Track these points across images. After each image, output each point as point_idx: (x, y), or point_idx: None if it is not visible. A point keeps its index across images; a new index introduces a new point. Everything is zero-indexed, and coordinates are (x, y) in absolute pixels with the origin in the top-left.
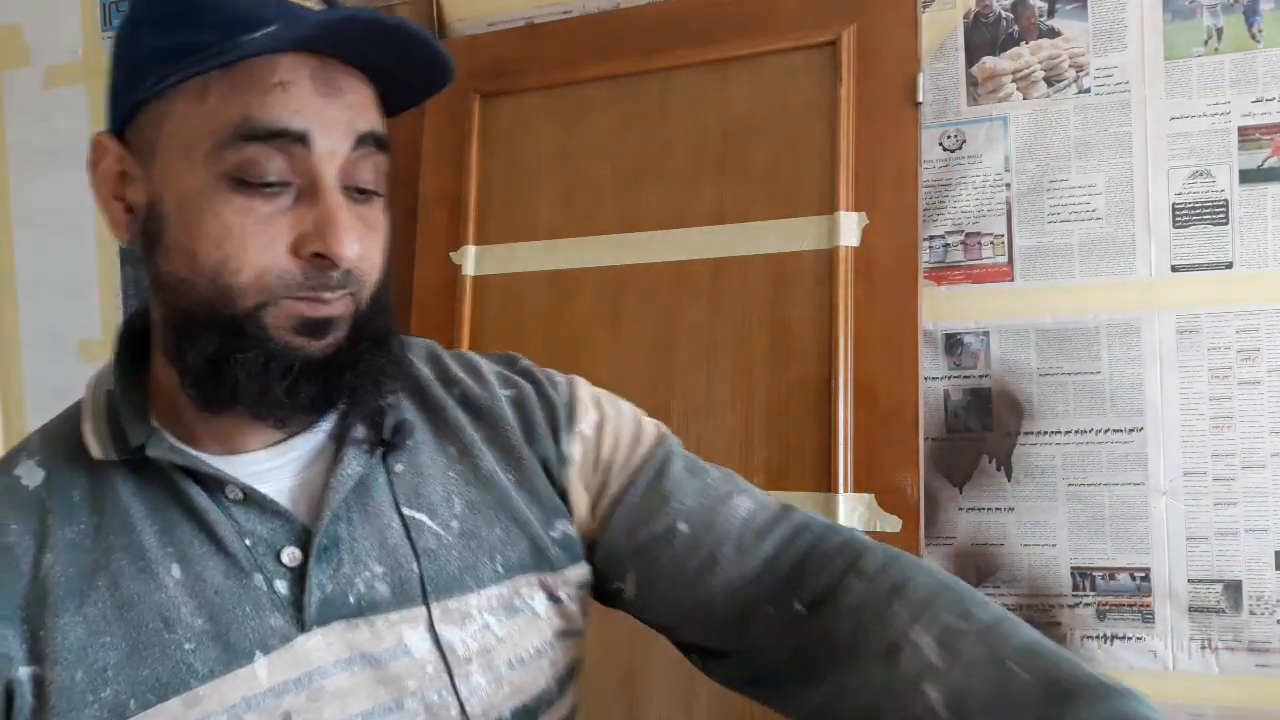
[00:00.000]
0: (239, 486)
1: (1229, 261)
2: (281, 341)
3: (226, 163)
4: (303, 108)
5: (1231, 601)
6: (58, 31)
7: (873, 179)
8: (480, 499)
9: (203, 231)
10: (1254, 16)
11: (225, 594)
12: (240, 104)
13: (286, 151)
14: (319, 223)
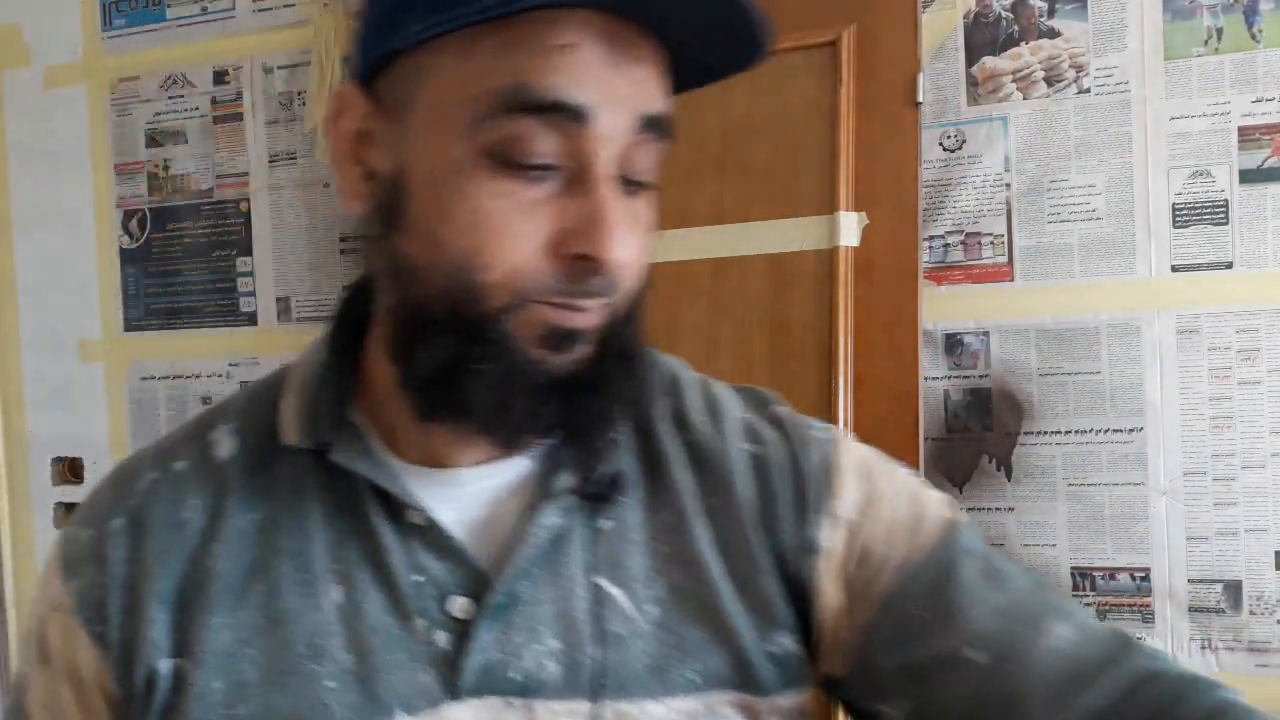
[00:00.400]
0: (422, 514)
1: (1229, 261)
2: (523, 353)
3: (490, 136)
4: (587, 78)
5: (1231, 601)
6: (58, 31)
7: (873, 179)
8: (685, 585)
9: (452, 214)
10: (1254, 16)
11: (381, 633)
12: (512, 66)
13: (560, 129)
14: (587, 218)
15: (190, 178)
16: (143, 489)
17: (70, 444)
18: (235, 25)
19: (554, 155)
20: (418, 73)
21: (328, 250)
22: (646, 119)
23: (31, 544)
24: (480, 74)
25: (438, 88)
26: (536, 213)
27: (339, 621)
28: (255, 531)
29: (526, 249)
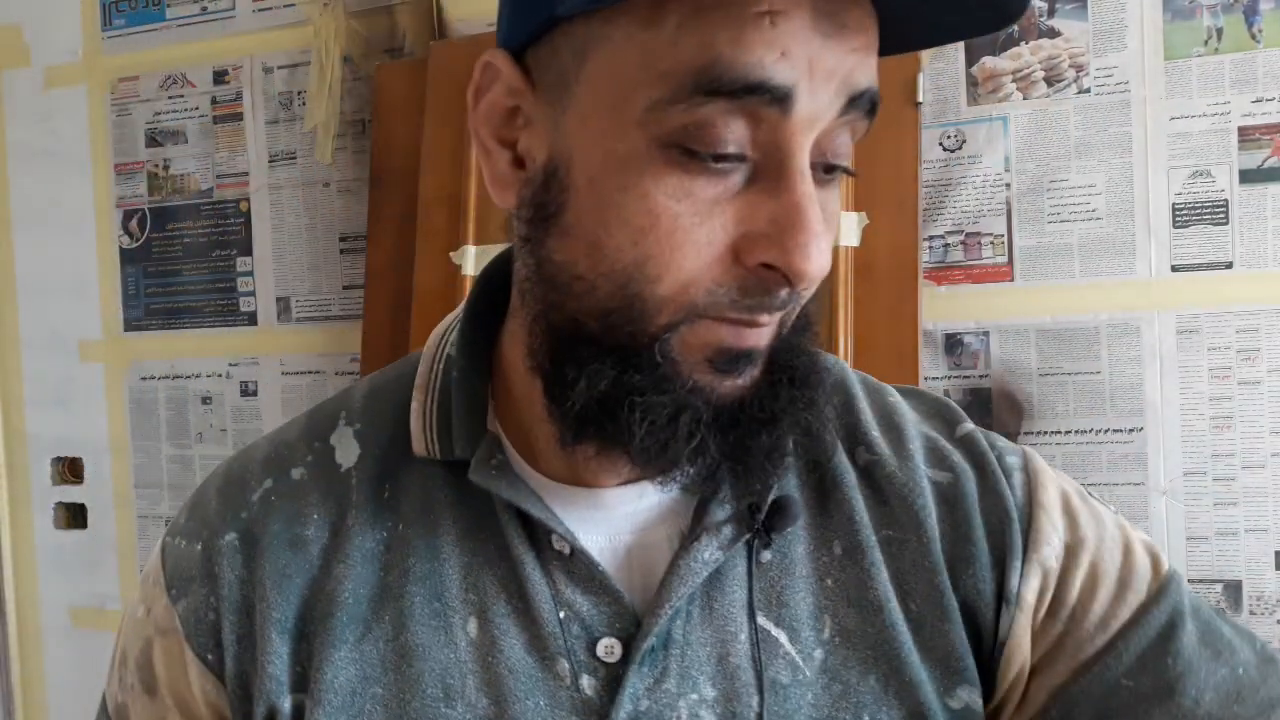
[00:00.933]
0: (567, 541)
1: (1229, 261)
2: (689, 379)
3: (672, 123)
4: (793, 52)
5: (1231, 602)
6: (58, 31)
7: (873, 179)
8: (859, 630)
9: (622, 217)
10: (1254, 16)
11: (520, 675)
12: (704, 39)
13: (753, 114)
14: (780, 222)
15: (190, 177)
16: (256, 500)
17: (70, 444)
18: (235, 25)
19: (745, 144)
20: (584, 44)
21: (328, 250)
22: (855, 96)
23: (31, 544)
24: (664, 49)
25: (609, 64)
26: (717, 213)
27: (474, 660)
28: (383, 553)
29: (705, 257)
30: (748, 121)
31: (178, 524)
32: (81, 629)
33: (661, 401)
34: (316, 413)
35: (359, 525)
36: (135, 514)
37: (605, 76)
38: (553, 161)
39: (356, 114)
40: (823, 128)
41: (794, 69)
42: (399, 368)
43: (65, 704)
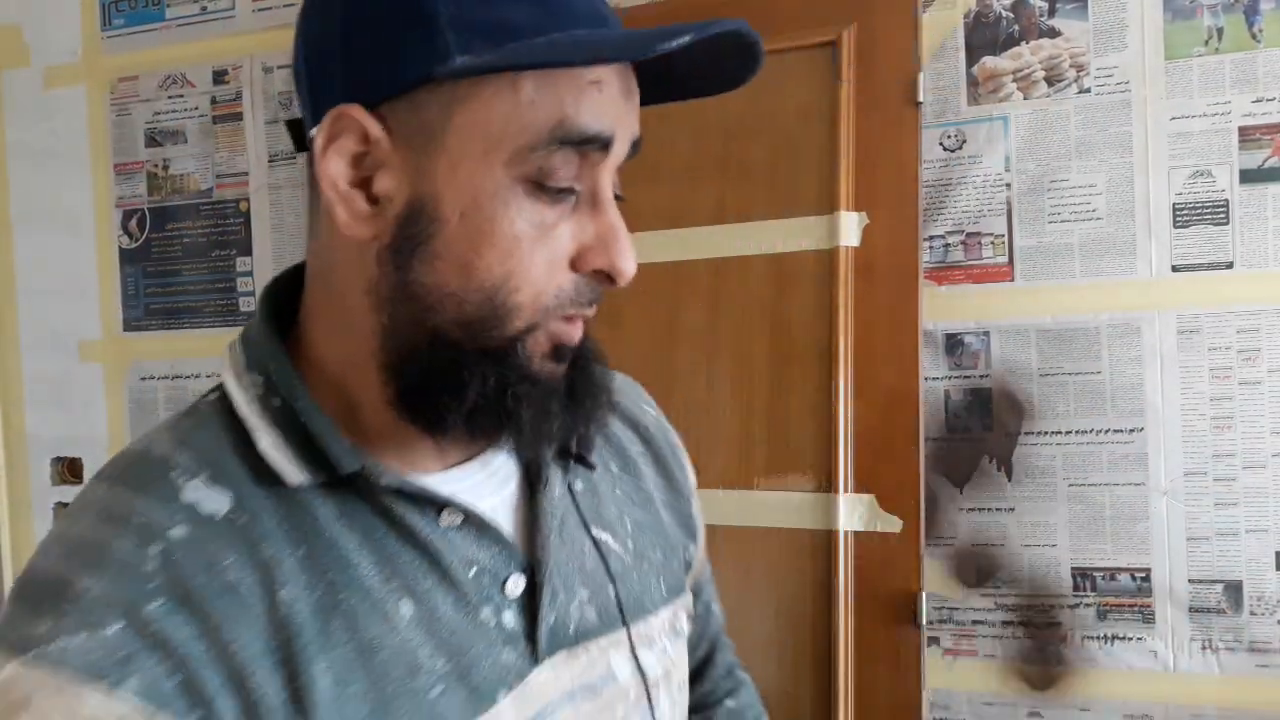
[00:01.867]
0: (460, 509)
1: (1229, 261)
2: (542, 371)
3: (530, 166)
4: (611, 111)
5: (1232, 602)
6: (57, 31)
7: (873, 179)
8: (644, 519)
9: (491, 241)
10: (1254, 16)
11: (459, 631)
12: (556, 102)
13: (585, 157)
14: (603, 236)
15: (190, 177)
16: (155, 565)
17: (70, 444)
18: (235, 25)
19: (574, 179)
20: (451, 101)
21: None
22: (635, 142)
23: (31, 544)
24: (525, 109)
25: (478, 118)
26: (558, 233)
27: (421, 633)
28: (304, 576)
29: (552, 269)
30: (580, 162)
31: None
32: None
33: (535, 391)
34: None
35: (272, 558)
36: None
37: (474, 129)
38: (418, 200)
39: None
40: (616, 166)
41: (612, 123)
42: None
43: None
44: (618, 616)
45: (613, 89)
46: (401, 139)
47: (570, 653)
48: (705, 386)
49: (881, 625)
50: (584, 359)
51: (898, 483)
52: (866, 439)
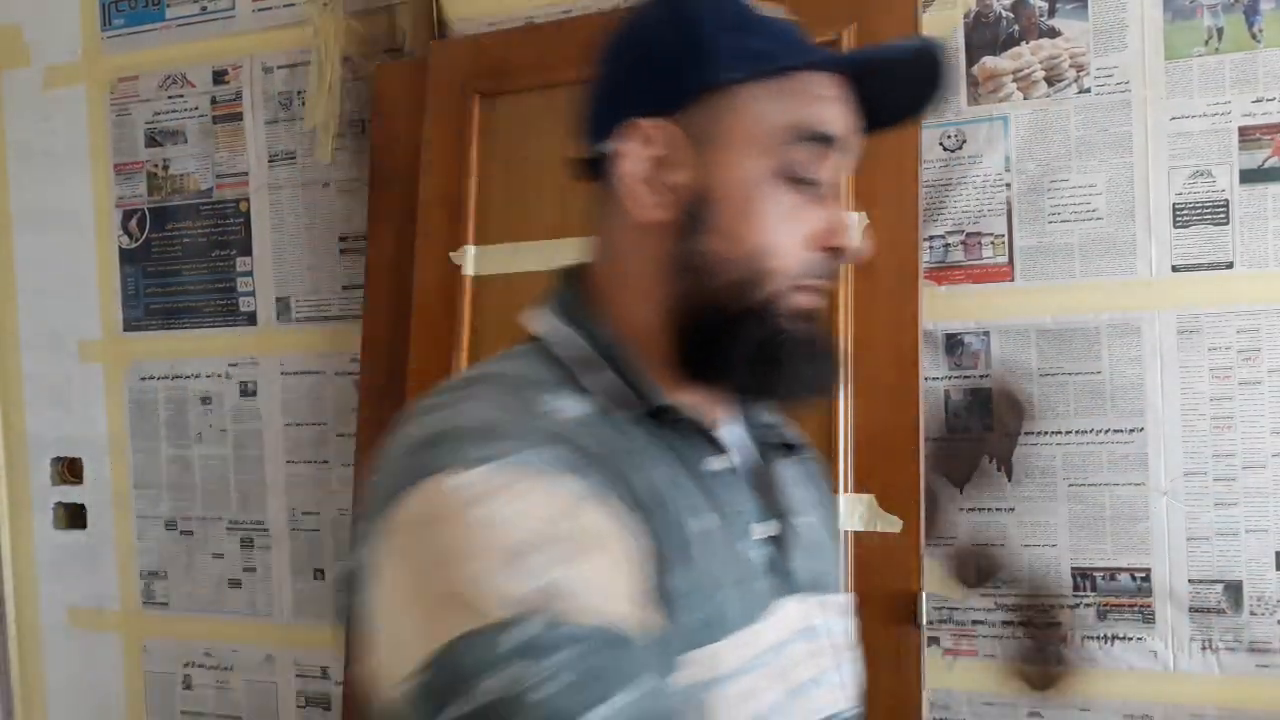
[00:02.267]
0: (729, 458)
1: (1229, 261)
2: (792, 326)
3: (780, 158)
4: (835, 119)
5: (1232, 602)
6: (57, 31)
7: (873, 179)
8: (822, 518)
9: (753, 217)
10: (1254, 16)
11: (739, 554)
12: (794, 108)
13: (823, 155)
14: (834, 221)
15: (190, 177)
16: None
17: (69, 444)
18: (235, 25)
19: (818, 174)
20: (724, 109)
21: (327, 250)
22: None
23: (31, 544)
24: (777, 112)
25: (744, 120)
26: (802, 216)
27: (720, 544)
28: (643, 467)
29: (796, 244)
30: (817, 158)
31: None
32: (80, 629)
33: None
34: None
35: (628, 448)
36: (134, 514)
37: (738, 129)
38: (701, 188)
39: (356, 114)
40: (845, 166)
41: (835, 127)
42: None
43: (64, 703)
44: (823, 584)
45: (841, 102)
46: (685, 142)
47: (803, 598)
48: None
49: (881, 625)
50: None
51: (898, 483)
52: (866, 439)
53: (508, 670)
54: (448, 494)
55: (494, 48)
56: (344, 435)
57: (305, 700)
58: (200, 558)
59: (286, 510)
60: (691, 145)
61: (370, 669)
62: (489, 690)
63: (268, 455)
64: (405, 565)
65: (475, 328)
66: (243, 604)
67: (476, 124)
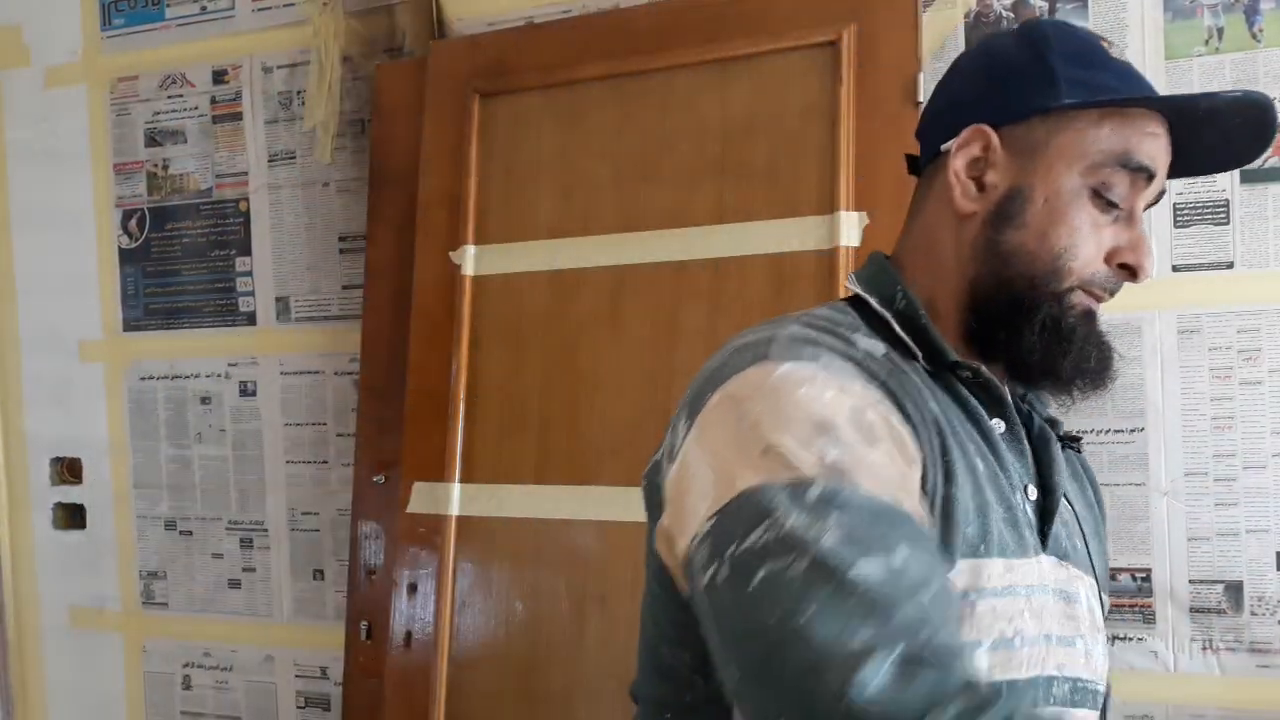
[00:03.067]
0: (1008, 421)
1: (1230, 261)
2: (1079, 319)
3: (1096, 178)
4: (1158, 155)
5: (1233, 602)
6: (57, 31)
7: (873, 179)
8: (1086, 512)
9: (1063, 220)
10: (1254, 16)
11: (1009, 499)
12: (1124, 138)
13: (1134, 183)
14: (1134, 244)
15: (189, 177)
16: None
17: (69, 444)
18: (234, 25)
19: (1125, 198)
20: (1056, 127)
21: (327, 250)
22: (1162, 189)
23: (30, 544)
24: (1104, 139)
25: (1074, 140)
26: (1103, 233)
27: (991, 484)
28: (934, 402)
29: (1096, 254)
30: (1129, 187)
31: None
32: (80, 629)
33: (1078, 330)
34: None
35: (921, 385)
36: (134, 514)
37: (1068, 146)
38: (1016, 188)
39: (356, 113)
40: (1150, 198)
41: (1157, 164)
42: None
43: (64, 703)
44: (1085, 563)
45: (1161, 141)
46: (1012, 149)
47: (1059, 563)
48: None
49: None
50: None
51: None
52: None
53: (804, 515)
54: (784, 373)
55: (493, 47)
56: (344, 435)
57: (305, 701)
58: (200, 558)
59: (286, 510)
60: (1013, 153)
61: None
62: (783, 526)
63: (267, 455)
64: (732, 421)
65: (475, 327)
66: (242, 604)
67: (476, 124)
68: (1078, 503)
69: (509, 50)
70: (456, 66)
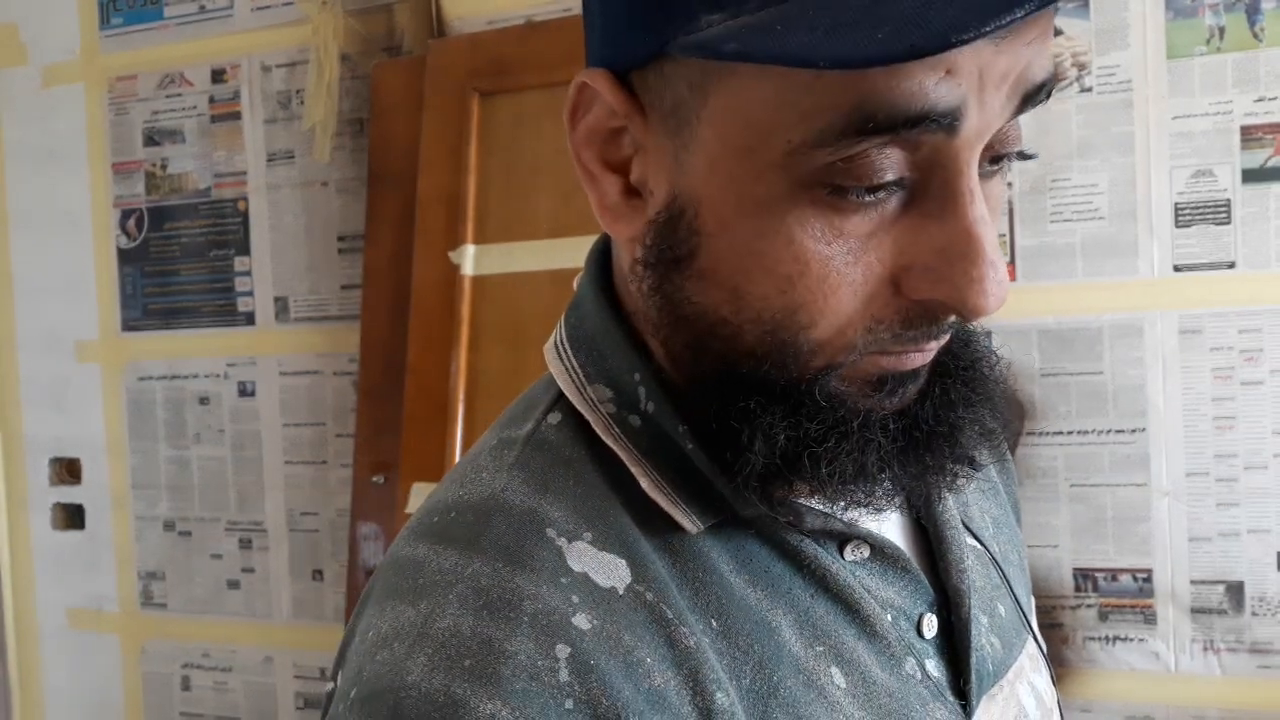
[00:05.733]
0: (864, 539)
1: (1231, 261)
2: (860, 413)
3: (818, 163)
4: (962, 64)
5: (1234, 603)
6: (55, 30)
7: None
8: (998, 513)
9: (764, 265)
10: (1256, 15)
11: (895, 694)
12: (854, 75)
13: (911, 143)
14: (949, 253)
15: (188, 177)
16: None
17: (67, 445)
18: (233, 24)
19: (903, 167)
20: (704, 79)
21: (326, 250)
22: (1030, 94)
23: (29, 545)
24: (803, 86)
25: (737, 103)
26: (872, 247)
27: (858, 705)
28: (730, 650)
29: (861, 296)
30: (904, 146)
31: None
32: (78, 630)
33: (843, 447)
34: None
35: (693, 646)
36: (133, 515)
37: (733, 117)
38: (677, 201)
39: (355, 113)
40: (991, 137)
41: (961, 86)
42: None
43: (62, 705)
44: (1015, 640)
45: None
46: (656, 118)
47: (990, 698)
48: None
49: None
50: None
51: None
52: None
53: None
54: None
55: (493, 46)
56: (343, 435)
57: (304, 702)
58: (198, 559)
59: (285, 511)
60: (661, 128)
61: None
62: None
63: (266, 455)
64: None
65: (474, 327)
66: (241, 605)
67: (475, 123)
68: (998, 537)
69: (509, 49)
70: (456, 65)
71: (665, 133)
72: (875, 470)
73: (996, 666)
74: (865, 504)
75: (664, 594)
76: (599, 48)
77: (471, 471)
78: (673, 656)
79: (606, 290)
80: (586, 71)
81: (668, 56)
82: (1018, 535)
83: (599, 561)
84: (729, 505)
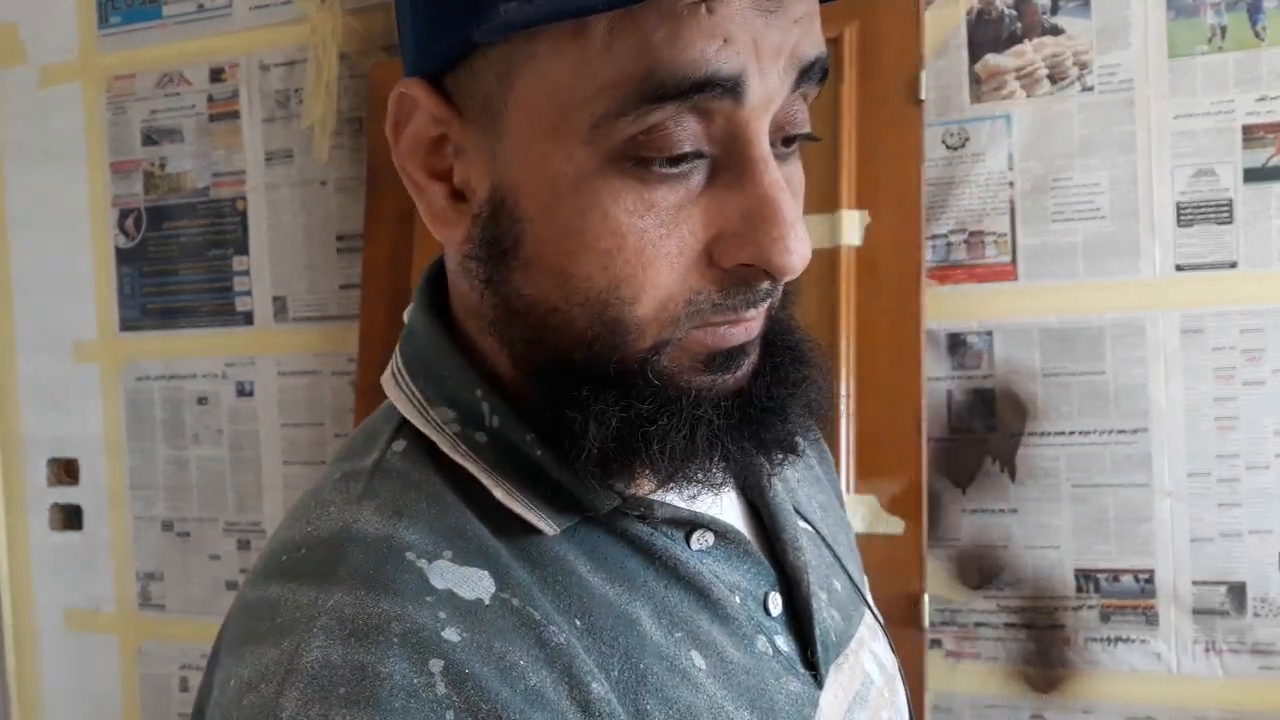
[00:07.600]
0: (709, 526)
1: (1233, 261)
2: (691, 391)
3: (621, 135)
4: (737, 35)
5: (1235, 603)
6: (53, 29)
7: (875, 177)
8: (824, 499)
9: (584, 243)
10: (1258, 14)
11: (751, 671)
12: (641, 42)
13: (705, 110)
14: (752, 218)
15: (186, 176)
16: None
17: (66, 445)
18: (232, 22)
19: (701, 140)
20: (507, 65)
21: (324, 249)
22: (805, 68)
23: (26, 545)
24: (597, 59)
25: (539, 83)
26: (684, 219)
27: (720, 685)
28: (598, 645)
29: (679, 268)
30: (699, 118)
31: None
32: (76, 630)
33: (674, 424)
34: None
35: (563, 644)
36: (131, 515)
37: (538, 97)
38: (498, 193)
39: (353, 111)
40: (777, 108)
41: (740, 55)
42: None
43: (60, 705)
44: (853, 613)
45: (736, 4)
46: (471, 118)
47: (838, 667)
48: None
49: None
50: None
51: (900, 484)
52: (868, 440)
53: None
54: None
55: None
56: (341, 436)
57: None
58: (197, 559)
59: (283, 511)
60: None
61: None
62: None
63: (264, 456)
64: None
65: None
66: None
67: None
68: (826, 520)
69: None
70: None
71: (480, 129)
72: (706, 447)
73: (839, 637)
74: (701, 482)
75: (529, 598)
76: (413, 57)
77: (317, 507)
78: (545, 656)
79: (442, 315)
80: (403, 81)
81: (475, 53)
82: (844, 518)
83: (462, 576)
84: (582, 506)
